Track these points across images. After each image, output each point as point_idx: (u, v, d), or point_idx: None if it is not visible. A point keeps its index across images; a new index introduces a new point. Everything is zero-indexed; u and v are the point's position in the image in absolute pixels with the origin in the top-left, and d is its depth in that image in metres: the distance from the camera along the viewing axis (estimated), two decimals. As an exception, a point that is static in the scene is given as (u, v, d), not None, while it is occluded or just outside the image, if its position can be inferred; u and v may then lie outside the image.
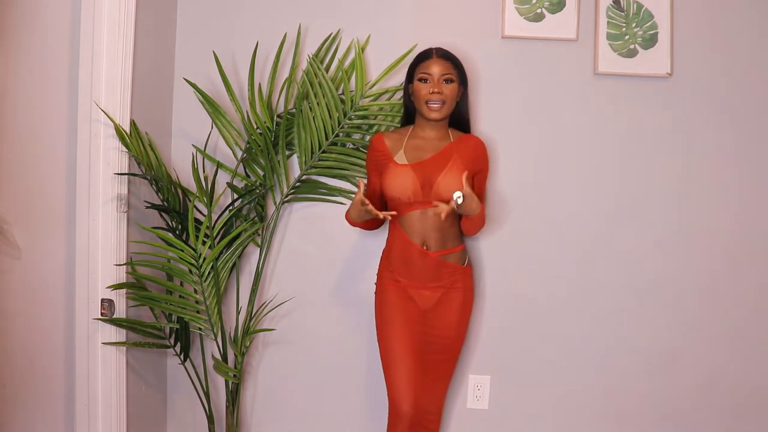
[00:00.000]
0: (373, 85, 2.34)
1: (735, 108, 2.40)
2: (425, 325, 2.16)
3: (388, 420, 2.13)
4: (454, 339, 2.20)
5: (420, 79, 2.14)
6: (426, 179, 2.10)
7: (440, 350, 2.19)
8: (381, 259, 2.23)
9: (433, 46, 2.18)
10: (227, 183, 2.36)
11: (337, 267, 2.46)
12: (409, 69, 2.19)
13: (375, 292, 2.23)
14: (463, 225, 2.15)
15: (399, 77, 2.37)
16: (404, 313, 2.15)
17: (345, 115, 2.31)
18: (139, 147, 2.13)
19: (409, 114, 2.25)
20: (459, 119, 2.23)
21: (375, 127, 2.34)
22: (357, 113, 2.32)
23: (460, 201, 1.97)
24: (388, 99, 2.36)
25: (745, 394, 2.44)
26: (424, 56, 2.16)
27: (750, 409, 2.45)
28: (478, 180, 2.22)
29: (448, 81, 2.13)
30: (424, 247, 2.12)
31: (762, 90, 2.39)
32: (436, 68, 2.12)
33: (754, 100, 2.39)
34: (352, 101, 2.31)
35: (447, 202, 2.04)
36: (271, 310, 2.43)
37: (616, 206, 2.42)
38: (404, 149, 2.16)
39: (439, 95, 2.11)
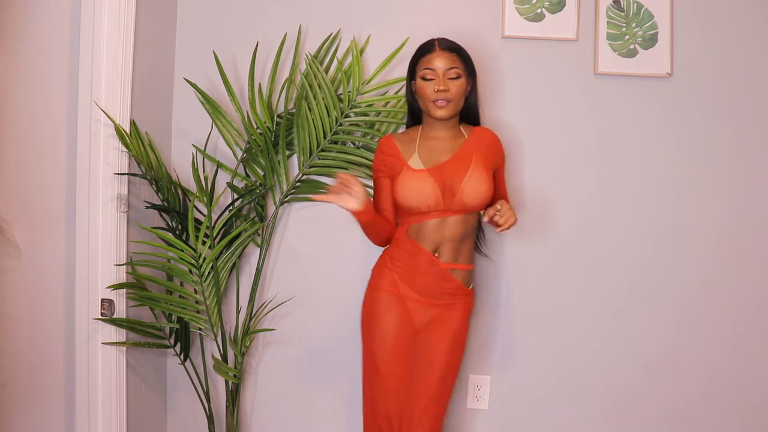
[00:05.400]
0: (369, 80, 2.34)
1: (735, 108, 2.40)
2: (417, 343, 1.99)
3: None
4: (442, 367, 1.98)
5: (423, 77, 1.96)
6: (447, 185, 1.94)
7: (431, 376, 1.98)
8: (380, 259, 2.09)
9: (435, 37, 2.04)
10: (227, 183, 2.36)
11: (337, 267, 2.46)
12: (410, 64, 2.04)
13: (365, 296, 2.07)
14: None
15: (396, 73, 2.37)
16: (395, 326, 1.98)
17: (342, 113, 2.31)
18: (139, 147, 2.13)
19: (414, 114, 2.10)
20: (468, 113, 2.09)
21: (375, 125, 2.34)
22: (355, 110, 2.31)
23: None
24: (385, 94, 2.35)
25: (746, 394, 2.44)
26: (426, 49, 1.98)
27: (751, 409, 2.45)
28: (499, 175, 2.10)
29: (454, 77, 1.95)
30: (436, 255, 1.97)
31: (762, 90, 2.39)
32: (440, 62, 1.94)
33: (753, 101, 2.39)
34: (349, 99, 2.31)
35: (474, 208, 1.96)
36: (271, 310, 2.43)
37: (615, 206, 2.42)
38: (418, 152, 1.99)
39: (445, 93, 1.93)
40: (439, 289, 1.99)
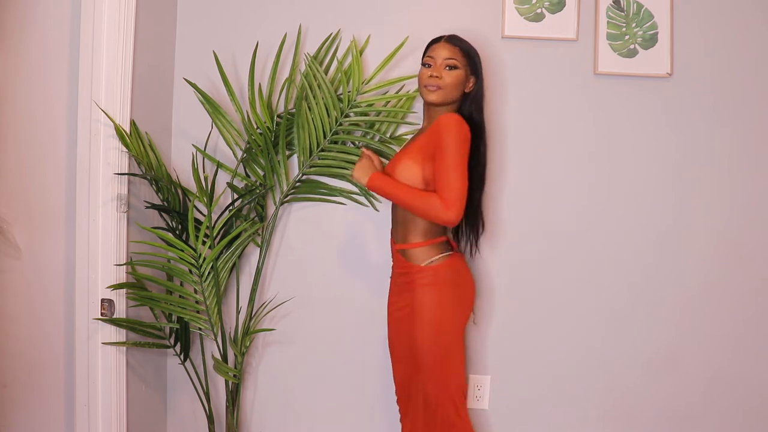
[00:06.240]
0: (369, 80, 2.33)
1: (735, 108, 2.40)
2: (394, 322, 2.13)
3: None
4: (412, 351, 2.02)
5: (424, 64, 2.06)
6: (392, 170, 2.04)
7: (405, 355, 2.06)
8: None
9: (448, 33, 2.12)
10: (227, 183, 2.36)
11: (337, 267, 2.46)
12: (422, 57, 2.11)
13: None
14: None
15: (395, 72, 2.37)
16: (389, 310, 2.15)
17: (342, 113, 2.31)
18: (139, 147, 2.13)
19: None
20: (471, 111, 2.08)
21: (376, 125, 2.34)
22: (355, 110, 2.31)
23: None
24: (385, 94, 2.35)
25: (746, 394, 2.44)
26: (434, 41, 2.10)
27: (751, 409, 2.45)
28: (436, 161, 1.94)
29: (451, 67, 2.02)
30: (392, 238, 2.12)
31: (762, 90, 2.39)
32: (441, 52, 2.03)
33: (753, 101, 2.40)
34: (349, 99, 2.31)
35: None
36: (271, 310, 2.43)
37: (615, 206, 2.42)
38: (410, 138, 2.18)
39: (436, 79, 2.00)
40: (398, 271, 2.10)
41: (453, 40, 2.07)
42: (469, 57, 2.07)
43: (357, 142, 2.37)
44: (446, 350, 2.03)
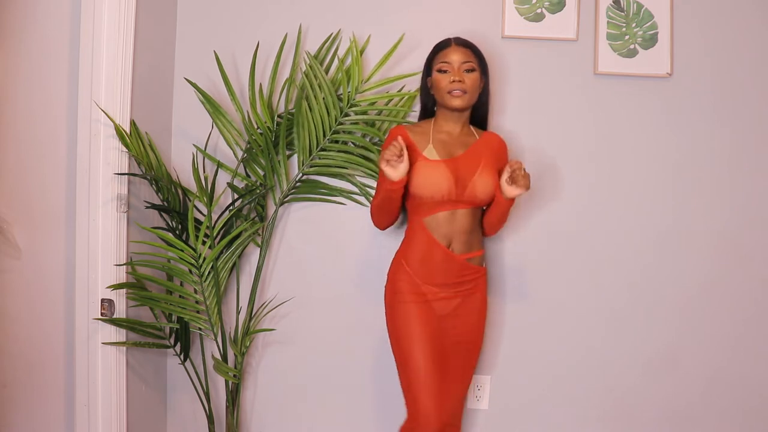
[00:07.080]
0: (368, 78, 2.33)
1: (735, 108, 2.40)
2: (442, 331, 2.07)
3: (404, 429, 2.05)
4: (474, 343, 2.14)
5: (439, 70, 2.05)
6: (460, 177, 2.01)
7: (460, 355, 2.10)
8: (395, 261, 2.14)
9: (452, 36, 2.13)
10: (227, 183, 2.36)
11: (337, 267, 2.46)
12: (426, 61, 2.12)
13: (385, 296, 2.13)
14: (489, 219, 2.13)
15: (395, 71, 2.37)
16: (423, 323, 2.03)
17: (342, 112, 2.31)
18: (139, 147, 2.13)
19: (427, 111, 2.18)
20: (477, 112, 2.16)
21: (377, 124, 2.34)
22: (354, 109, 2.31)
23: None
24: (387, 92, 2.35)
25: (746, 394, 2.44)
26: (443, 45, 2.08)
27: (751, 409, 2.45)
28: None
29: (469, 70, 2.04)
30: (450, 250, 2.05)
31: (762, 90, 2.40)
32: (455, 56, 2.04)
33: (753, 101, 2.40)
34: (348, 98, 2.30)
35: (482, 202, 2.05)
36: (271, 310, 2.43)
37: (615, 206, 2.42)
38: (432, 143, 2.05)
39: (460, 84, 2.01)
40: (460, 280, 2.08)
41: (464, 43, 2.08)
42: (479, 58, 2.09)
43: (357, 142, 2.36)
44: None
